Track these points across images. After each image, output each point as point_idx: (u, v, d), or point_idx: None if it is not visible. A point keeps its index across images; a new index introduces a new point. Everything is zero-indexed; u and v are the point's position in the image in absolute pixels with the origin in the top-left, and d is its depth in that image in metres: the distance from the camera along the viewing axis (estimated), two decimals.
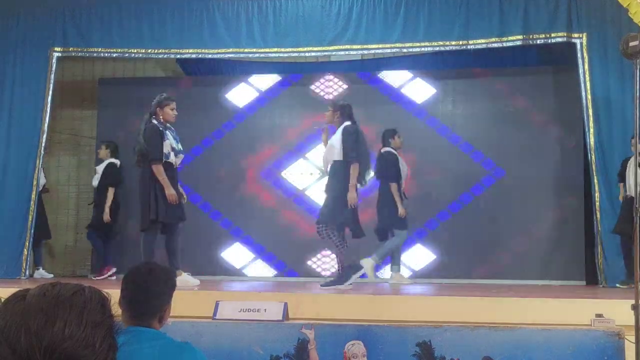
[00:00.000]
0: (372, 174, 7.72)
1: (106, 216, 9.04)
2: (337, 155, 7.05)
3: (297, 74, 9.95)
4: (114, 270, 9.10)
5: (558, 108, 9.28)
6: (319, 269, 9.45)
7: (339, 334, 5.08)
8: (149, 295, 2.70)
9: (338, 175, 7.04)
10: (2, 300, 4.04)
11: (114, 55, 9.34)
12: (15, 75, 9.16)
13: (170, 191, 6.95)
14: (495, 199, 9.26)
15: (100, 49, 9.15)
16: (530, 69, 9.60)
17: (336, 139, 7.12)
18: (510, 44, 8.48)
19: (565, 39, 8.32)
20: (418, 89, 9.61)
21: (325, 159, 7.31)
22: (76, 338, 1.23)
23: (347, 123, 7.17)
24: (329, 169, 7.23)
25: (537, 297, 6.07)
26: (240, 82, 10.00)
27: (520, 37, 8.36)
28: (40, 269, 9.41)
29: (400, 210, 8.04)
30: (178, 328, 4.79)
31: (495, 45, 8.51)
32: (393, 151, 8.33)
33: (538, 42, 8.43)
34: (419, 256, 9.34)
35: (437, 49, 8.77)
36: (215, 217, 9.72)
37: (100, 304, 1.31)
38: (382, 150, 8.36)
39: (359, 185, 7.17)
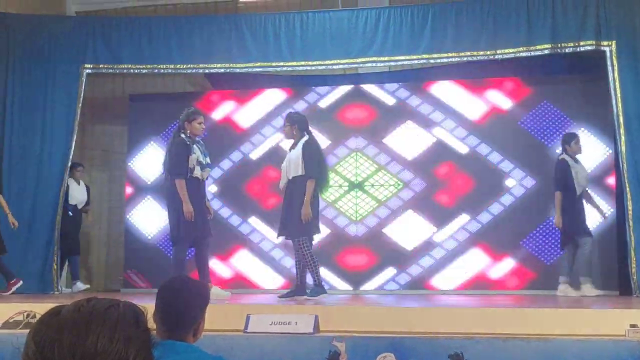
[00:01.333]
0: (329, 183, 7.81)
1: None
2: (300, 170, 7.09)
3: (325, 87, 9.96)
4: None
5: (588, 117, 9.19)
6: (349, 282, 9.42)
7: (371, 346, 5.07)
8: (181, 309, 2.71)
9: (301, 189, 7.07)
10: (36, 315, 4.08)
11: (144, 72, 9.45)
12: (47, 91, 9.29)
13: (187, 208, 6.99)
14: (525, 209, 9.18)
15: (130, 65, 9.26)
16: (559, 77, 9.53)
17: (296, 153, 7.16)
18: (539, 53, 8.43)
19: (594, 47, 8.25)
20: (446, 98, 9.57)
21: (285, 172, 7.31)
22: (109, 352, 1.24)
23: (306, 138, 7.22)
24: (287, 183, 7.26)
25: (571, 308, 6.01)
26: (267, 95, 10.04)
27: (548, 45, 8.31)
28: (78, 283, 9.46)
29: (556, 220, 8.15)
30: (210, 341, 4.80)
31: (524, 54, 8.48)
32: (567, 159, 8.27)
33: (567, 50, 8.38)
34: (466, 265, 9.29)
35: (465, 59, 8.73)
36: (245, 229, 9.76)
37: (134, 319, 1.32)
38: (559, 158, 8.36)
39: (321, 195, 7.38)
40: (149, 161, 10.07)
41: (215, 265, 9.44)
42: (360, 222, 9.52)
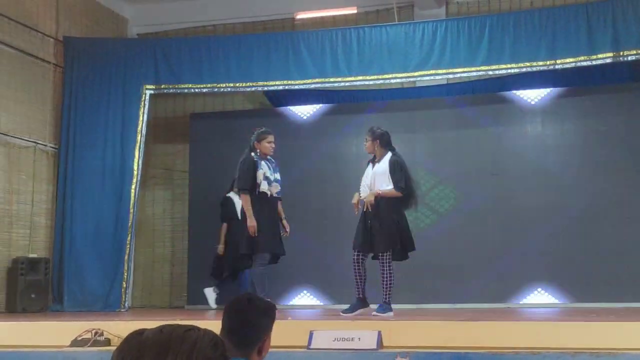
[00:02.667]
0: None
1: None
2: (387, 185, 7.03)
3: (383, 101, 9.96)
4: None
5: None
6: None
7: None
8: (247, 326, 2.73)
9: (388, 204, 6.99)
10: (103, 332, 4.13)
11: (204, 91, 9.61)
12: (110, 113, 9.53)
13: (251, 222, 7.06)
14: (588, 220, 9.01)
15: (190, 85, 9.43)
16: (622, 86, 9.34)
17: (382, 168, 7.09)
18: (600, 61, 8.30)
19: None
20: (504, 109, 9.49)
21: (365, 186, 7.25)
22: None
23: (390, 153, 7.15)
24: (373, 199, 7.07)
25: (638, 321, 5.85)
26: (325, 111, 10.08)
27: (610, 54, 8.17)
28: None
29: None
30: (273, 357, 4.82)
31: (585, 63, 8.35)
32: None
33: (629, 58, 8.22)
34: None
35: (524, 69, 8.64)
36: (308, 245, 9.78)
37: (212, 342, 1.36)
38: None
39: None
40: (210, 179, 10.19)
41: None
42: (420, 235, 9.44)
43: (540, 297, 9.01)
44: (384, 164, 7.09)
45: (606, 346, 5.02)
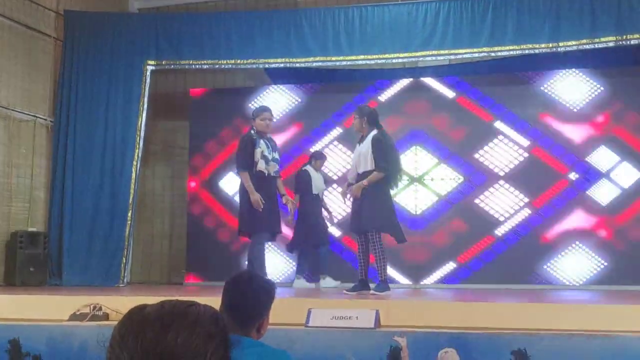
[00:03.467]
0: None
1: None
2: (369, 165, 7.04)
3: (385, 80, 9.93)
4: None
5: None
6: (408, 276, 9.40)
7: (432, 342, 5.05)
8: (247, 303, 2.74)
9: (373, 184, 7.02)
10: (102, 307, 4.15)
11: (205, 67, 9.57)
12: (112, 88, 9.50)
13: (254, 197, 7.07)
14: (583, 203, 9.04)
15: (191, 61, 9.40)
16: (625, 69, 9.31)
17: (365, 147, 7.09)
18: (603, 45, 8.26)
19: None
20: (507, 91, 9.47)
21: (354, 167, 7.27)
22: (188, 346, 1.29)
23: (375, 132, 7.15)
24: (356, 177, 7.20)
25: (636, 304, 5.88)
26: (326, 89, 10.06)
27: (613, 37, 8.14)
28: (327, 278, 8.91)
29: None
30: (271, 335, 4.84)
31: (587, 46, 8.32)
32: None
33: (632, 42, 8.18)
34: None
35: (526, 52, 8.61)
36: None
37: (213, 318, 1.38)
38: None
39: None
40: (210, 155, 10.20)
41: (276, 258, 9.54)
42: (420, 216, 9.48)
43: (541, 277, 9.04)
44: (367, 142, 7.12)
45: (602, 328, 5.05)
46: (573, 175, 9.09)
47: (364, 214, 7.04)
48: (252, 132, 7.32)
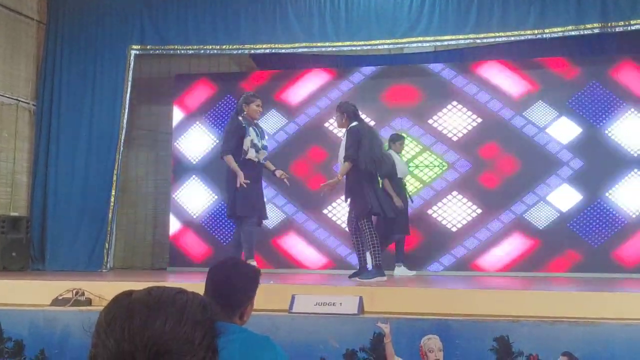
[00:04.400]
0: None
1: None
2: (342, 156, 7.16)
3: (371, 67, 9.92)
4: None
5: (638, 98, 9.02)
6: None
7: (415, 328, 5.07)
8: (231, 289, 2.73)
9: (353, 174, 7.11)
10: (85, 292, 4.11)
11: (190, 52, 9.51)
12: (96, 72, 9.44)
13: (241, 178, 7.04)
14: (568, 193, 9.07)
15: (176, 46, 9.34)
16: (608, 57, 9.34)
17: (344, 141, 7.18)
18: (588, 32, 8.28)
19: None
20: (493, 78, 9.47)
21: (339, 160, 7.32)
22: (176, 333, 1.28)
23: (353, 124, 7.20)
24: (332, 188, 7.32)
25: (619, 291, 5.92)
26: (312, 76, 10.03)
27: (598, 25, 8.15)
28: (402, 266, 8.73)
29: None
30: (255, 321, 4.83)
31: (573, 33, 8.33)
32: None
33: (617, 29, 8.20)
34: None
35: (512, 38, 8.61)
36: (290, 209, 9.80)
37: (201, 305, 1.35)
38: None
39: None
40: (194, 141, 10.16)
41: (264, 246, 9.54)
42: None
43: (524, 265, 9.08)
44: (344, 136, 7.24)
45: (584, 316, 5.08)
46: (557, 163, 9.12)
47: (350, 205, 7.19)
48: (241, 118, 7.26)
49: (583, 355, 4.77)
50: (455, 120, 9.46)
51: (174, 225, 10.13)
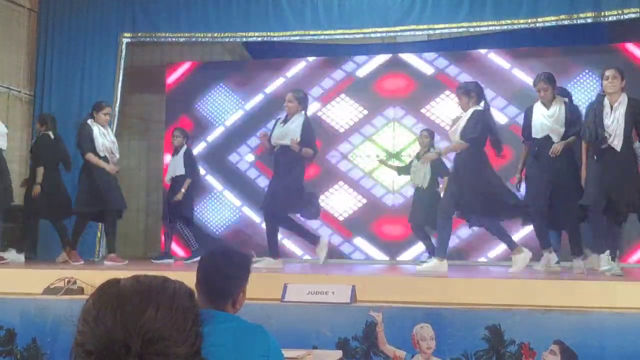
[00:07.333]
0: None
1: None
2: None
3: (363, 56, 9.89)
4: None
5: (630, 87, 9.02)
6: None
7: (408, 317, 5.08)
8: (222, 278, 2.73)
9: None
10: (77, 281, 4.10)
11: (182, 40, 9.47)
12: (86, 60, 9.40)
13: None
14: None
15: (168, 34, 9.31)
16: (601, 46, 9.33)
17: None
18: (581, 21, 8.28)
19: (638, 15, 8.07)
20: (486, 67, 9.46)
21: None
22: (168, 319, 1.28)
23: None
24: None
25: (610, 280, 5.93)
26: (306, 65, 10.00)
27: (591, 14, 8.15)
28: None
29: None
30: (247, 310, 4.82)
31: (566, 22, 8.33)
32: None
33: (610, 19, 8.20)
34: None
35: (505, 27, 8.61)
36: None
37: (188, 293, 1.37)
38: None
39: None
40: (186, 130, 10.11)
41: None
42: (397, 192, 9.48)
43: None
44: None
45: (576, 304, 5.10)
46: None
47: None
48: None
49: (574, 344, 4.79)
50: (448, 110, 9.45)
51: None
